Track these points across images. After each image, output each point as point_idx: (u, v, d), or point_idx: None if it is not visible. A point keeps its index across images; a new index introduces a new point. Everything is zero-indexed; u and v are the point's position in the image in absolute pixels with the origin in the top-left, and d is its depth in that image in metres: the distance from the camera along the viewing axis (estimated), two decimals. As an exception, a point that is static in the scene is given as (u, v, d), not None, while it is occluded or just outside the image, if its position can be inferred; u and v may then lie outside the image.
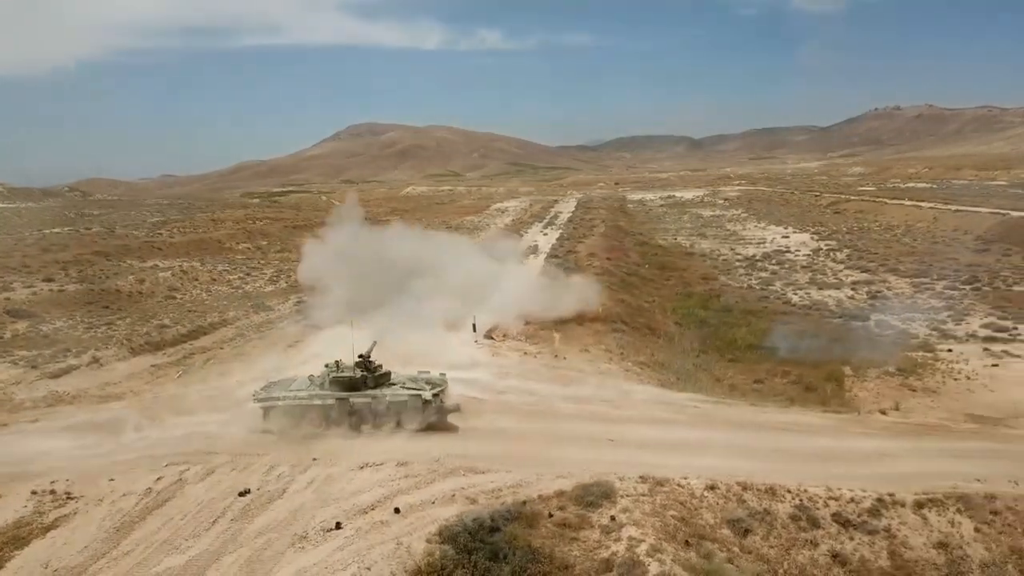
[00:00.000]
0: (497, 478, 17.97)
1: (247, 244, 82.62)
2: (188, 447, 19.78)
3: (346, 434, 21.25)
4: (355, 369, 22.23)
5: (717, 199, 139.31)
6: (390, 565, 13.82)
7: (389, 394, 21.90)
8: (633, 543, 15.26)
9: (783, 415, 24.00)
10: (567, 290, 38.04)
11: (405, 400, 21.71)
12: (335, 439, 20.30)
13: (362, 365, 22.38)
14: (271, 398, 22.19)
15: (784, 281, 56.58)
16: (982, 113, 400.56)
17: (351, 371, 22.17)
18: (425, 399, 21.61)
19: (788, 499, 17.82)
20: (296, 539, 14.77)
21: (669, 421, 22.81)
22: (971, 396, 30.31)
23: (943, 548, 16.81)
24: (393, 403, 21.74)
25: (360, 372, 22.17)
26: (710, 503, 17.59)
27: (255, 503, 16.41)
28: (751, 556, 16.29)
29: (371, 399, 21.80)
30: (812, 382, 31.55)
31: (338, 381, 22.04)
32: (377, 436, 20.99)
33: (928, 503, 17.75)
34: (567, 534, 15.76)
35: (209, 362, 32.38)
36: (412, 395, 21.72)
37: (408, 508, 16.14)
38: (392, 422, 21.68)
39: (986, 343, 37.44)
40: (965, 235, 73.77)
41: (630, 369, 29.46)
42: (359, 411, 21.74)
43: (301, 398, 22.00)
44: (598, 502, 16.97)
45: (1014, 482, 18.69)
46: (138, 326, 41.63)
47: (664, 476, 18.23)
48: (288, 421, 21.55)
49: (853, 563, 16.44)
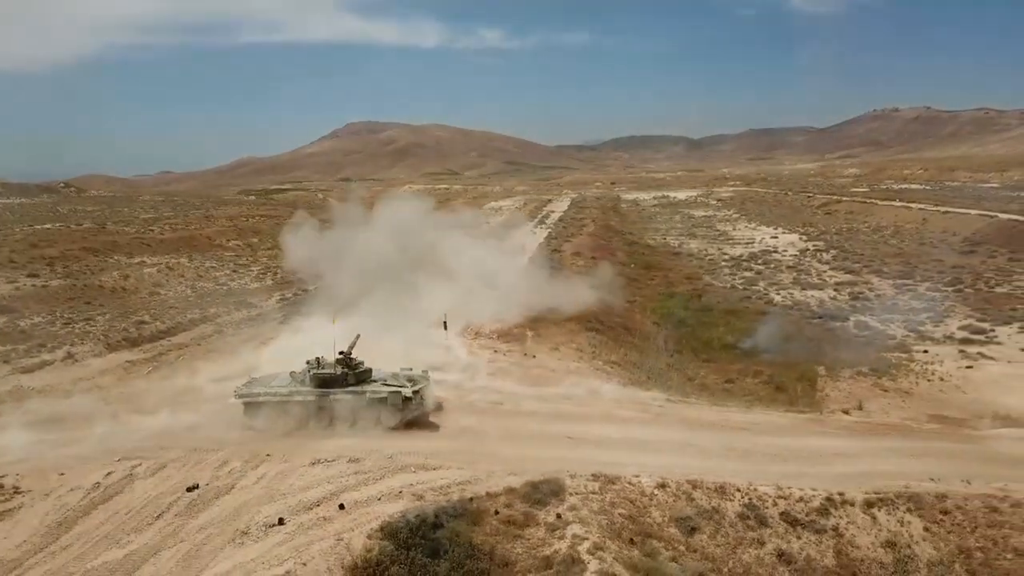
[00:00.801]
0: (448, 475, 17.99)
1: (237, 241, 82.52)
2: (144, 443, 19.80)
3: (321, 430, 21.26)
4: (336, 366, 22.18)
5: (710, 199, 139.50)
6: (327, 561, 13.84)
7: (369, 391, 21.86)
8: (576, 541, 15.28)
9: (744, 415, 24.04)
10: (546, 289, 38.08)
11: (385, 397, 21.65)
12: (291, 435, 20.30)
13: (343, 362, 22.30)
14: (252, 394, 22.15)
15: (768, 281, 56.69)
16: (979, 115, 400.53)
17: (332, 368, 22.13)
18: (405, 396, 21.56)
19: (737, 498, 17.84)
20: (237, 534, 14.79)
21: (630, 420, 22.84)
22: (942, 397, 30.41)
23: (891, 547, 16.84)
24: (373, 400, 21.70)
25: (341, 369, 22.12)
26: (659, 501, 17.61)
27: (201, 498, 16.44)
28: (696, 555, 16.32)
29: (351, 396, 21.75)
30: (783, 382, 31.66)
31: (318, 378, 21.99)
32: (337, 433, 21.01)
33: (878, 502, 17.76)
34: (511, 531, 15.79)
35: (181, 359, 32.33)
36: (392, 392, 21.67)
37: (353, 504, 16.16)
38: (372, 419, 21.64)
39: (962, 345, 37.55)
40: (953, 237, 73.89)
41: (600, 368, 29.51)
42: (339, 408, 21.70)
43: (282, 394, 21.97)
44: (546, 500, 16.99)
45: (967, 481, 18.72)
46: (116, 322, 41.58)
47: (616, 474, 18.25)
48: (269, 417, 21.56)
49: (798, 562, 16.48)
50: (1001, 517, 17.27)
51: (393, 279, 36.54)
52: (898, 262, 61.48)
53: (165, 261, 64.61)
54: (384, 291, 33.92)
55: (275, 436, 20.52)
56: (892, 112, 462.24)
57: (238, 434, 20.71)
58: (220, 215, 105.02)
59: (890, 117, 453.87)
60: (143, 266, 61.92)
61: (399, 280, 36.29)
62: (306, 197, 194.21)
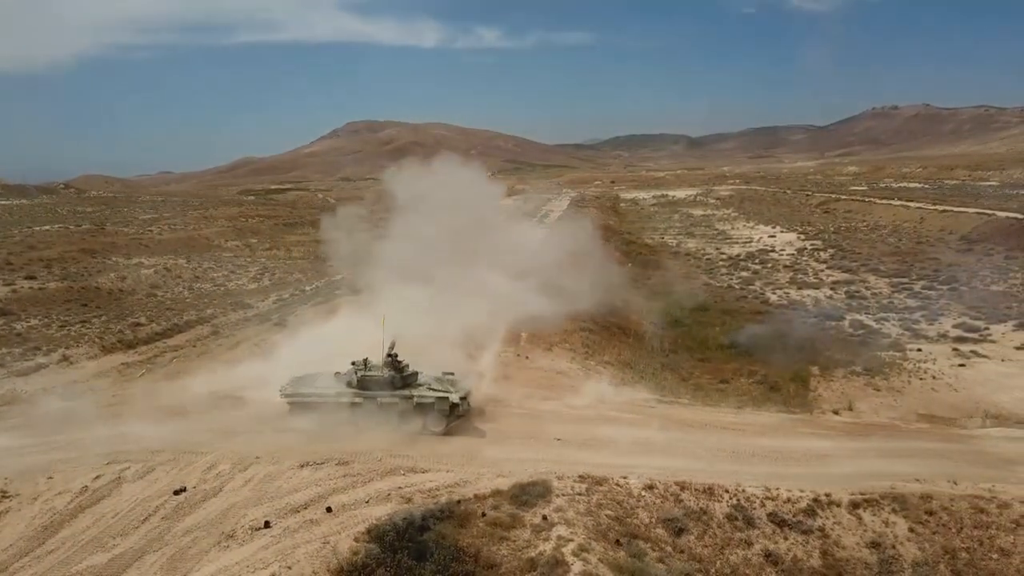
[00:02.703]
0: (437, 477, 18.06)
1: (236, 242, 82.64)
2: (134, 446, 19.84)
3: (357, 433, 21.00)
4: (383, 368, 21.98)
5: (709, 198, 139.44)
6: (312, 564, 13.90)
7: (416, 395, 21.64)
8: (561, 542, 15.34)
9: (735, 415, 24.10)
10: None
11: (432, 402, 21.49)
12: (276, 435, 20.32)
13: (391, 364, 22.09)
14: (300, 394, 21.99)
15: (764, 281, 56.73)
16: (979, 113, 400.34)
17: (379, 370, 21.92)
18: (452, 402, 21.42)
19: (726, 499, 17.91)
20: (223, 537, 14.85)
21: (621, 421, 22.89)
22: (934, 396, 30.40)
23: (876, 548, 16.91)
24: (420, 404, 21.53)
25: (388, 371, 21.91)
26: (647, 502, 17.67)
27: (188, 501, 16.49)
28: (684, 555, 16.38)
29: (399, 399, 21.56)
30: (777, 382, 31.63)
31: (366, 380, 21.81)
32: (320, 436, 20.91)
33: (864, 503, 17.83)
34: (497, 533, 15.84)
35: (175, 360, 32.39)
36: (439, 397, 21.51)
37: (341, 507, 16.22)
38: (418, 423, 21.52)
39: (956, 343, 37.56)
40: (950, 235, 73.91)
41: (592, 368, 29.53)
42: (386, 411, 21.48)
43: (329, 396, 21.77)
44: (533, 501, 17.04)
45: (953, 482, 18.79)
46: (112, 324, 41.63)
47: (604, 475, 18.32)
48: (315, 418, 21.36)
49: (785, 562, 16.55)
50: (987, 518, 17.34)
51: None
52: (895, 261, 61.49)
53: (163, 262, 64.66)
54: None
55: (258, 437, 20.46)
56: (892, 110, 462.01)
57: (227, 436, 20.69)
58: (219, 215, 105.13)
59: (890, 115, 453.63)
60: (140, 267, 61.97)
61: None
62: (306, 197, 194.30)
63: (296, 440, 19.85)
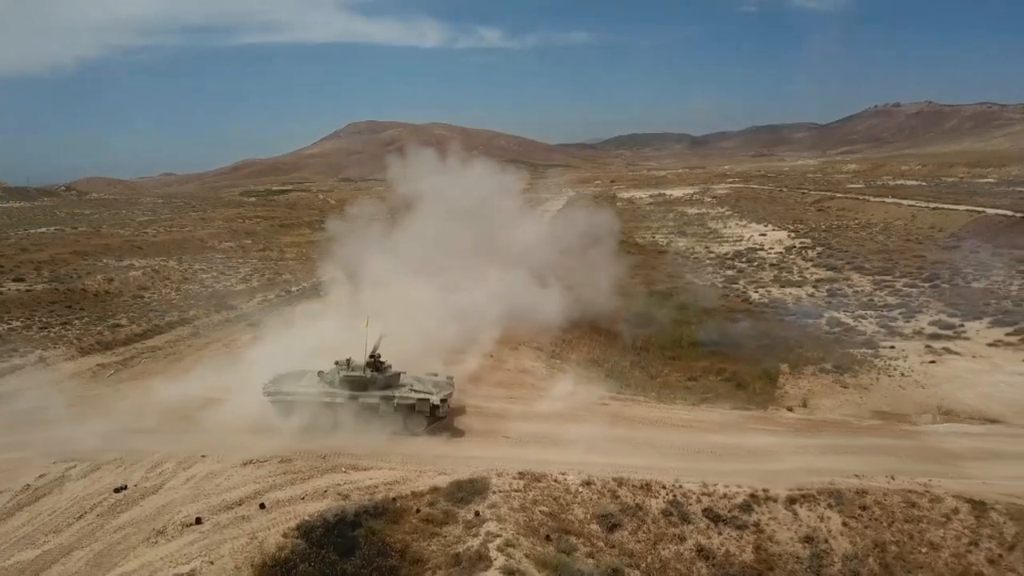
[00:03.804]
0: (378, 475, 18.27)
1: (230, 243, 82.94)
2: (87, 445, 20.11)
3: (339, 433, 21.20)
4: (366, 368, 22.19)
5: (706, 197, 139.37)
6: (236, 559, 14.13)
7: (398, 396, 21.86)
8: (489, 538, 15.53)
9: (689, 412, 24.26)
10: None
11: (413, 403, 21.73)
12: (224, 434, 20.54)
13: (373, 365, 22.32)
14: (282, 392, 22.18)
15: (748, 279, 56.79)
16: (981, 110, 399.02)
17: (362, 370, 22.13)
18: (433, 403, 21.65)
19: (662, 495, 18.08)
20: (153, 533, 15.10)
21: (573, 418, 23.07)
22: (901, 393, 30.44)
23: (808, 542, 17.09)
24: (401, 405, 21.75)
25: (371, 372, 22.14)
26: (584, 499, 17.86)
27: (127, 499, 16.76)
28: (615, 551, 16.57)
29: (380, 400, 21.77)
30: (744, 379, 31.77)
31: (348, 380, 22.01)
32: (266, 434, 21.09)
33: (800, 498, 17.99)
34: (429, 529, 16.06)
35: (144, 361, 32.70)
36: (420, 399, 21.74)
37: (275, 504, 16.45)
38: (399, 424, 21.76)
39: (930, 340, 37.60)
40: (940, 233, 73.89)
41: (556, 366, 29.71)
42: (367, 411, 21.69)
43: (312, 395, 21.98)
44: (469, 498, 17.25)
45: (891, 477, 18.93)
46: (93, 325, 41.97)
47: (543, 472, 18.50)
48: (298, 416, 21.55)
49: (717, 557, 16.74)
50: (919, 512, 17.50)
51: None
52: (880, 258, 61.45)
53: (153, 264, 65.00)
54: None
55: (204, 434, 20.66)
56: (894, 107, 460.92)
57: (179, 435, 20.94)
58: (217, 217, 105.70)
59: (892, 112, 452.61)
60: (130, 269, 62.28)
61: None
62: (307, 198, 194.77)
63: (243, 440, 20.04)
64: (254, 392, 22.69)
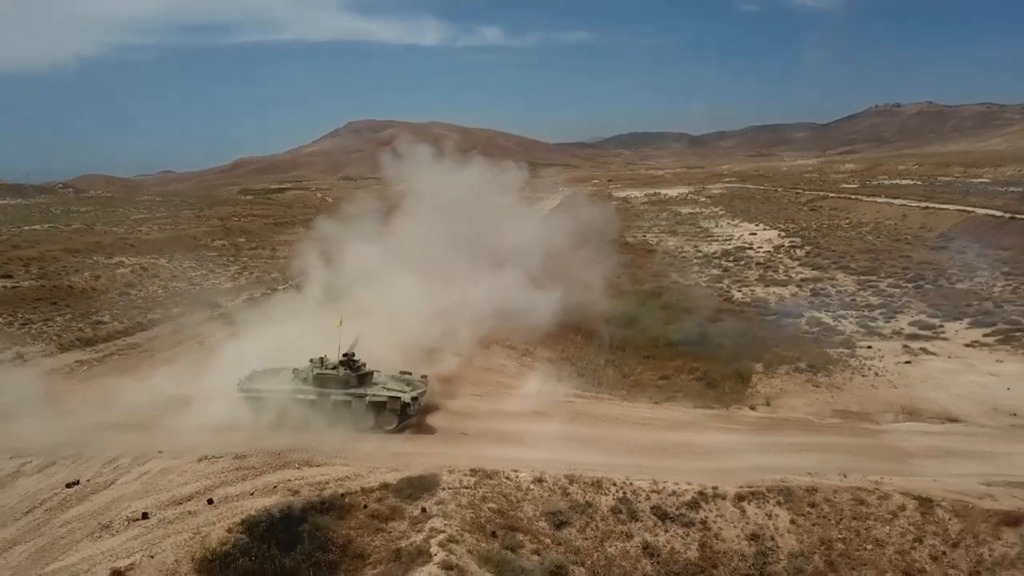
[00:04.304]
0: (331, 471, 18.39)
1: (223, 241, 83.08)
2: (45, 439, 20.24)
3: (318, 431, 21.37)
4: (339, 366, 22.50)
5: (700, 196, 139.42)
6: (176, 553, 14.25)
7: (370, 394, 22.14)
8: (433, 534, 15.64)
9: (650, 410, 24.39)
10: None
11: (384, 401, 22.01)
12: (184, 431, 20.67)
13: (346, 363, 22.63)
14: (255, 389, 22.45)
15: (733, 278, 56.86)
16: (982, 110, 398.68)
17: (334, 368, 22.45)
18: (404, 402, 21.91)
19: (612, 492, 18.19)
20: (98, 528, 15.24)
21: (534, 415, 23.21)
22: (873, 392, 30.51)
23: (755, 540, 17.21)
24: (372, 403, 22.02)
25: (343, 370, 22.43)
26: (534, 496, 17.98)
27: (77, 494, 16.91)
28: (562, 548, 16.68)
29: (352, 398, 22.05)
30: (716, 378, 31.88)
31: (321, 377, 22.31)
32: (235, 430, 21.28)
33: (749, 496, 18.11)
34: (375, 525, 16.19)
35: (119, 358, 32.86)
36: (391, 397, 22.02)
37: (223, 499, 16.57)
38: (371, 422, 22.01)
39: (908, 340, 37.66)
40: (929, 232, 73.86)
41: (527, 364, 29.84)
42: (339, 409, 21.97)
43: (284, 391, 22.28)
44: (418, 494, 17.38)
45: (843, 475, 19.04)
46: (74, 322, 42.12)
47: (495, 469, 18.62)
48: (271, 413, 21.82)
49: (662, 555, 16.86)
50: (867, 509, 17.60)
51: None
52: (867, 258, 61.50)
53: (142, 261, 65.16)
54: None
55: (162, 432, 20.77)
56: (894, 108, 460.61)
57: (140, 432, 21.07)
58: (212, 215, 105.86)
59: (892, 113, 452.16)
60: (119, 266, 62.47)
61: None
62: (304, 197, 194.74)
63: (202, 436, 20.15)
64: (219, 389, 22.91)
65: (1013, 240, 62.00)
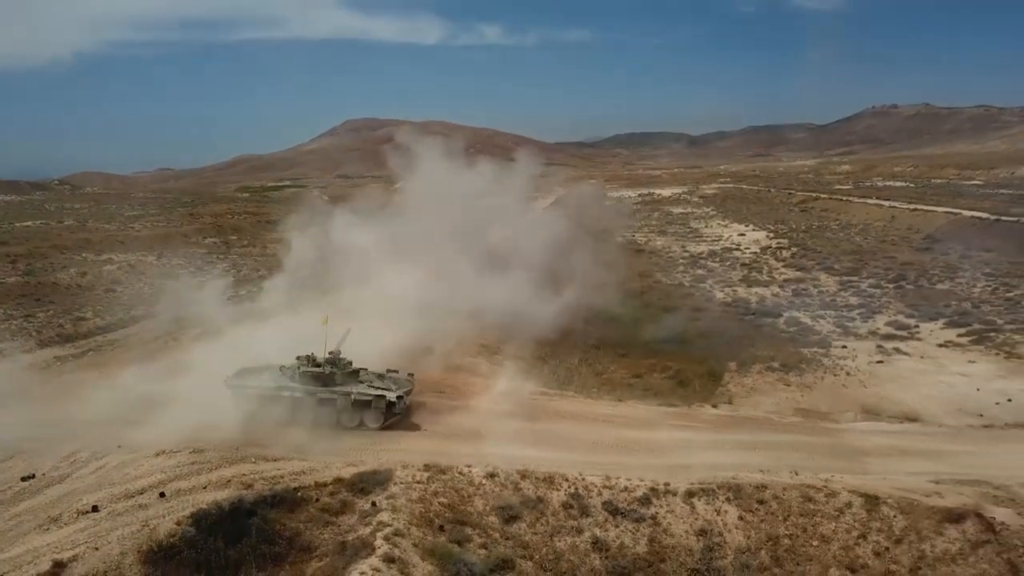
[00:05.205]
0: (287, 466, 18.59)
1: (214, 239, 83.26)
2: (5, 435, 20.43)
3: (307, 428, 21.55)
4: (325, 364, 22.72)
5: (693, 196, 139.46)
6: (123, 545, 14.44)
7: (355, 392, 22.31)
8: (379, 527, 15.86)
9: (613, 408, 24.60)
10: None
11: (370, 400, 22.19)
12: (147, 428, 20.82)
13: (332, 361, 22.85)
14: (241, 386, 22.57)
15: (717, 278, 57.03)
16: (979, 113, 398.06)
17: (320, 366, 22.67)
18: (389, 400, 22.12)
19: (564, 487, 18.41)
20: (47, 521, 15.44)
21: (499, 412, 23.40)
22: (843, 392, 30.75)
23: (703, 535, 17.43)
24: (358, 401, 22.20)
25: (329, 368, 22.65)
26: (486, 491, 18.19)
27: (32, 487, 17.12)
28: (511, 542, 16.89)
29: (338, 395, 22.23)
30: (688, 377, 32.12)
31: (307, 375, 22.50)
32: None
33: (699, 492, 18.32)
34: (324, 518, 16.41)
35: (94, 354, 33.07)
36: (377, 396, 22.21)
37: (176, 493, 16.76)
38: (356, 420, 22.24)
39: (883, 340, 37.88)
40: (916, 234, 74.05)
41: (497, 362, 30.03)
42: (324, 406, 22.18)
43: (270, 388, 22.44)
44: (370, 489, 17.60)
45: (794, 472, 19.25)
46: (56, 318, 42.35)
47: (449, 464, 18.83)
48: (258, 409, 21.88)
49: (612, 549, 17.08)
50: (814, 506, 17.82)
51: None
52: (852, 259, 61.69)
53: (131, 259, 65.39)
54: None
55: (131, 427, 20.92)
56: (892, 109, 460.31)
57: (104, 426, 21.23)
58: (205, 212, 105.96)
59: (890, 114, 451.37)
60: (107, 263, 62.69)
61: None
62: (302, 195, 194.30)
63: (157, 431, 20.27)
64: (188, 385, 23.13)
65: (997, 242, 62.24)
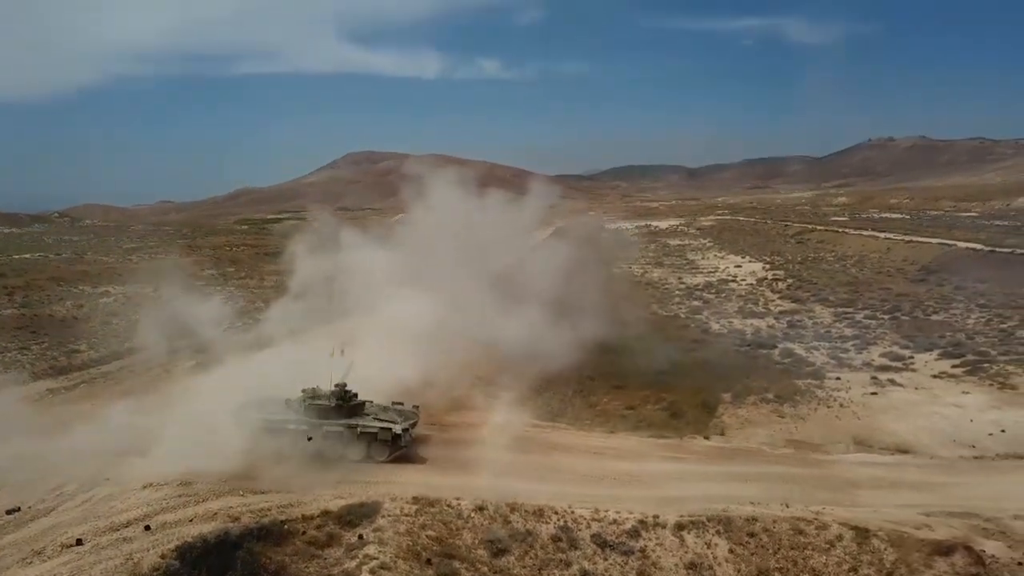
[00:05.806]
0: (275, 499, 18.52)
1: (212, 271, 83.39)
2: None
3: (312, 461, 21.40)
4: (330, 397, 22.70)
5: (690, 228, 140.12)
6: (104, 579, 14.36)
7: (361, 425, 22.26)
8: (366, 560, 15.80)
9: (604, 439, 24.57)
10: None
11: (375, 432, 22.09)
12: (137, 460, 20.76)
13: (338, 394, 22.85)
14: (249, 417, 22.42)
15: (713, 310, 57.05)
16: (975, 145, 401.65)
17: (326, 398, 22.65)
18: (395, 433, 22.01)
19: (554, 520, 18.32)
20: (31, 554, 15.35)
21: (491, 444, 23.36)
22: (836, 423, 30.64)
23: (693, 568, 17.32)
24: (364, 433, 22.12)
25: (335, 400, 22.63)
26: (475, 524, 18.11)
27: (17, 520, 17.04)
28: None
29: (343, 428, 22.15)
30: (681, 408, 32.01)
31: (313, 408, 22.49)
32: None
33: (689, 525, 18.24)
34: (311, 551, 16.32)
35: (86, 386, 33.03)
36: (382, 428, 22.13)
37: (161, 525, 16.68)
38: (362, 453, 22.13)
39: (878, 372, 37.81)
40: (911, 265, 74.33)
41: (491, 394, 29.99)
42: (330, 439, 22.07)
43: (276, 421, 22.37)
44: (357, 521, 17.52)
45: (785, 504, 19.17)
46: (50, 351, 42.33)
47: (438, 497, 18.76)
48: (262, 441, 21.75)
49: (600, 583, 16.93)
50: (805, 539, 17.73)
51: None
52: (847, 291, 61.78)
53: (127, 291, 65.47)
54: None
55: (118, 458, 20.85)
56: (888, 141, 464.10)
57: (92, 457, 21.15)
58: (205, 244, 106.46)
59: (886, 146, 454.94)
60: (104, 296, 62.82)
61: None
62: (302, 227, 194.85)
63: (146, 464, 20.22)
64: (180, 417, 23.08)
65: (991, 272, 62.51)
